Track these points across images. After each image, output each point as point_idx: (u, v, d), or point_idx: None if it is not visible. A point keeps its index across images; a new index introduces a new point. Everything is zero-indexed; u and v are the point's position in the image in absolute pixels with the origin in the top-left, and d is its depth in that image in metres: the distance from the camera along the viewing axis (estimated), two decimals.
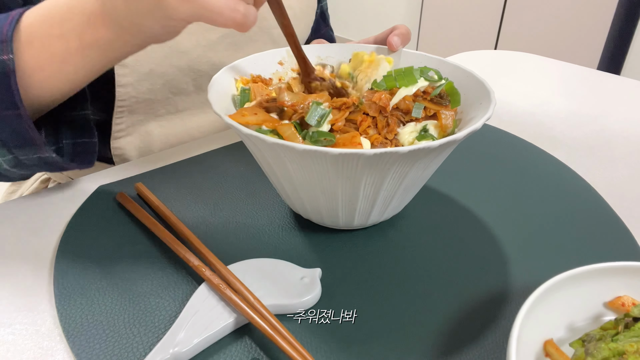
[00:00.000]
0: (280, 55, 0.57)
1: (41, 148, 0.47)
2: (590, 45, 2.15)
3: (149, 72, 0.62)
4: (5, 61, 0.42)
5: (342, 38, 2.59)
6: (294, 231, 0.51)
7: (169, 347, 0.36)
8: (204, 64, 0.66)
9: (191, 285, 0.44)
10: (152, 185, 0.56)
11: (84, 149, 0.54)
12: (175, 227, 0.49)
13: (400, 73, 0.50)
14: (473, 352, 0.38)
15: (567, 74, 0.99)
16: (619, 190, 0.59)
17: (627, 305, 0.37)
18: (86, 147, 0.54)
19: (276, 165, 0.43)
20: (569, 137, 0.72)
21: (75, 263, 0.46)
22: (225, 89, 0.50)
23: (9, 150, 0.47)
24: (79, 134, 0.54)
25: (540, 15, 2.30)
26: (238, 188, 0.57)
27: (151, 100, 0.65)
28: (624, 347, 0.33)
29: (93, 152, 0.55)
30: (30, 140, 0.46)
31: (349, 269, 0.46)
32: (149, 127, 0.68)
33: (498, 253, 0.49)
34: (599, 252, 0.49)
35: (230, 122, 0.41)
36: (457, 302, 0.43)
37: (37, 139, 0.46)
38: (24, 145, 0.47)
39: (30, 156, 0.48)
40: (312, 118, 0.44)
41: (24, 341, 0.39)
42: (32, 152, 0.47)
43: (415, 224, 0.52)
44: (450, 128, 0.47)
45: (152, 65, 0.62)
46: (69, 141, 0.53)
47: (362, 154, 0.38)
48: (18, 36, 0.43)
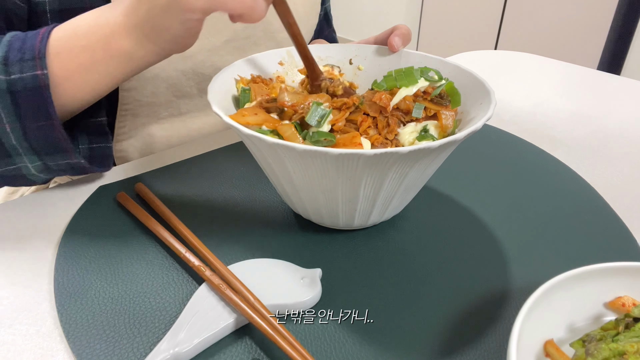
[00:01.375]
0: (280, 55, 0.57)
1: (71, 155, 0.50)
2: (590, 45, 2.15)
3: (154, 77, 0.62)
4: (40, 76, 0.44)
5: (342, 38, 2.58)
6: (294, 231, 0.51)
7: (169, 347, 0.36)
8: (208, 67, 0.66)
9: (191, 285, 0.44)
10: (152, 186, 0.56)
11: (100, 152, 0.56)
12: (175, 227, 0.49)
13: (401, 73, 0.50)
14: (473, 352, 0.38)
15: (567, 74, 0.99)
16: (619, 190, 0.59)
17: (627, 305, 0.37)
18: (102, 151, 0.56)
19: (276, 165, 0.43)
20: (569, 137, 0.72)
21: (75, 263, 0.46)
22: (225, 89, 0.50)
23: (39, 157, 0.49)
24: (94, 140, 0.55)
25: (540, 15, 2.30)
26: (238, 188, 0.57)
27: (154, 103, 0.66)
28: (625, 348, 0.33)
29: (109, 156, 0.57)
30: (61, 148, 0.49)
31: (349, 269, 0.46)
32: (151, 130, 0.68)
33: (498, 253, 0.49)
34: (599, 252, 0.49)
35: (230, 122, 0.41)
36: (457, 302, 0.43)
37: (68, 147, 0.49)
38: (55, 153, 0.49)
39: (59, 162, 0.50)
40: (313, 118, 0.44)
41: (24, 341, 0.39)
42: (62, 158, 0.50)
43: (416, 224, 0.52)
44: (451, 128, 0.47)
45: (156, 70, 0.62)
46: (85, 146, 0.55)
47: (363, 154, 0.38)
48: (48, 50, 0.45)
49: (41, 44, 0.45)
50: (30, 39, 0.46)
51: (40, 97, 0.45)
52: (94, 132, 0.55)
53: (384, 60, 0.57)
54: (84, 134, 0.55)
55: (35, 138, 0.47)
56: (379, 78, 0.52)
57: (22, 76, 0.44)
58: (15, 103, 0.45)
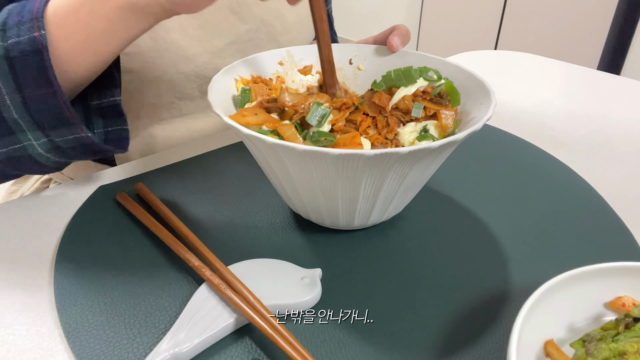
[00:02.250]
0: (281, 55, 0.56)
1: (78, 127, 0.47)
2: (590, 45, 2.15)
3: (156, 79, 0.62)
4: (37, 38, 0.42)
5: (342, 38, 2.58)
6: (294, 231, 0.51)
7: (169, 348, 0.36)
8: (211, 70, 0.66)
9: (191, 285, 0.44)
10: (152, 185, 0.56)
11: (117, 135, 0.53)
12: (176, 227, 0.49)
13: (400, 73, 0.50)
14: (473, 352, 0.38)
15: (567, 74, 0.99)
16: (619, 190, 0.59)
17: (627, 305, 0.37)
18: (119, 134, 0.54)
19: (276, 165, 0.43)
20: (569, 137, 0.72)
21: (75, 263, 0.46)
22: (225, 89, 0.50)
23: (43, 133, 0.46)
24: (110, 122, 0.53)
25: (540, 15, 2.30)
26: (238, 188, 0.57)
27: (156, 104, 0.66)
28: (625, 348, 0.33)
29: (126, 138, 0.54)
30: (65, 119, 0.46)
31: (349, 269, 0.46)
32: (153, 131, 0.68)
33: (498, 253, 0.49)
34: (599, 252, 0.49)
35: (230, 123, 0.41)
36: (458, 302, 0.43)
37: (73, 118, 0.46)
38: (59, 126, 0.46)
39: (67, 137, 0.47)
40: (313, 118, 0.44)
41: (24, 341, 0.39)
42: (68, 132, 0.47)
43: (416, 224, 0.52)
44: (451, 128, 0.47)
45: (158, 72, 0.62)
46: (100, 130, 0.52)
47: (363, 154, 0.38)
48: (46, 11, 0.43)
49: (40, 4, 0.44)
50: (31, 2, 0.44)
51: (39, 61, 0.43)
52: (108, 115, 0.53)
53: (384, 60, 0.57)
54: (98, 117, 0.53)
55: (37, 110, 0.44)
56: (378, 78, 0.52)
57: (19, 40, 0.42)
58: (14, 71, 0.43)
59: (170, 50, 0.61)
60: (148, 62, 0.60)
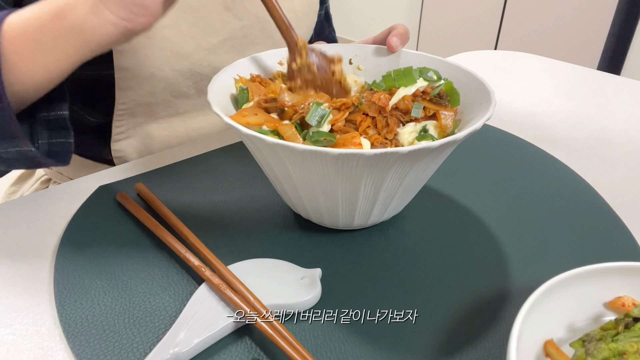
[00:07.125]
0: (280, 55, 0.57)
1: (22, 141, 0.46)
2: (590, 45, 2.15)
3: (150, 76, 0.62)
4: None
5: (342, 38, 2.58)
6: (294, 231, 0.51)
7: (169, 347, 0.36)
8: (205, 67, 0.65)
9: (191, 285, 0.44)
10: (152, 186, 0.56)
11: (60, 149, 0.53)
12: (176, 227, 0.49)
13: (399, 73, 0.50)
14: (473, 352, 0.38)
15: (567, 74, 0.99)
16: (619, 190, 0.59)
17: (627, 305, 0.37)
18: (62, 147, 0.53)
19: (276, 165, 0.43)
20: (569, 137, 0.72)
21: (75, 263, 0.46)
22: (225, 89, 0.50)
23: None
24: (54, 135, 0.52)
25: (540, 15, 2.30)
26: (238, 188, 0.57)
27: (152, 103, 0.65)
28: (624, 348, 0.33)
29: (69, 152, 0.54)
30: (11, 133, 0.45)
31: (349, 269, 0.46)
32: (150, 130, 0.68)
33: (498, 253, 0.49)
34: (599, 252, 0.49)
35: (230, 123, 0.41)
36: (457, 302, 0.43)
37: (19, 133, 0.46)
38: (4, 139, 0.46)
39: (10, 149, 0.47)
40: (313, 118, 0.44)
41: (24, 341, 0.39)
42: (12, 145, 0.47)
43: (415, 224, 0.52)
44: (450, 128, 0.47)
45: (152, 69, 0.61)
46: (44, 141, 0.52)
47: (362, 154, 0.38)
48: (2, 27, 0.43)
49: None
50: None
51: None
52: (54, 127, 0.52)
53: (384, 60, 0.57)
54: (44, 129, 0.52)
55: None
56: (378, 78, 0.52)
57: None
58: None
59: (163, 48, 0.61)
60: (141, 59, 0.60)
